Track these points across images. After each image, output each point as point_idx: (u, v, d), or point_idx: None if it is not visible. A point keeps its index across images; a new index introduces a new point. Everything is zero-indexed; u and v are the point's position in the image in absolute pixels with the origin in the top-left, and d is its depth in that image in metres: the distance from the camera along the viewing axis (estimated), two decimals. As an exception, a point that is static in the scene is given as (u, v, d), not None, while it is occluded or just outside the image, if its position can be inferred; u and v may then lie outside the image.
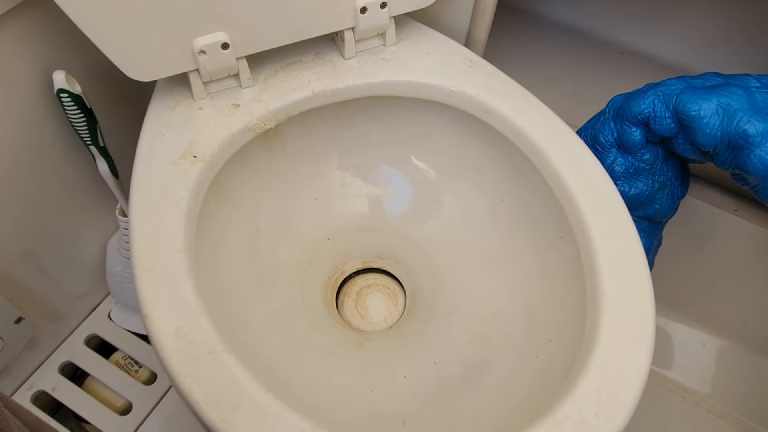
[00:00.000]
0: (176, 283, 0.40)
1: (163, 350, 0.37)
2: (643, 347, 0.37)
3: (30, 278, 0.67)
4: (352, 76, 0.52)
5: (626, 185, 0.50)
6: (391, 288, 0.61)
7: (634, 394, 0.36)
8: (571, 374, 0.38)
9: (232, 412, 0.35)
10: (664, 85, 0.46)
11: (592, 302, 0.41)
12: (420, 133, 0.57)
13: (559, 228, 0.50)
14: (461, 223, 0.58)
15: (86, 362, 0.74)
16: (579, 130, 0.55)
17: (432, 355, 0.52)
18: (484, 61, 0.53)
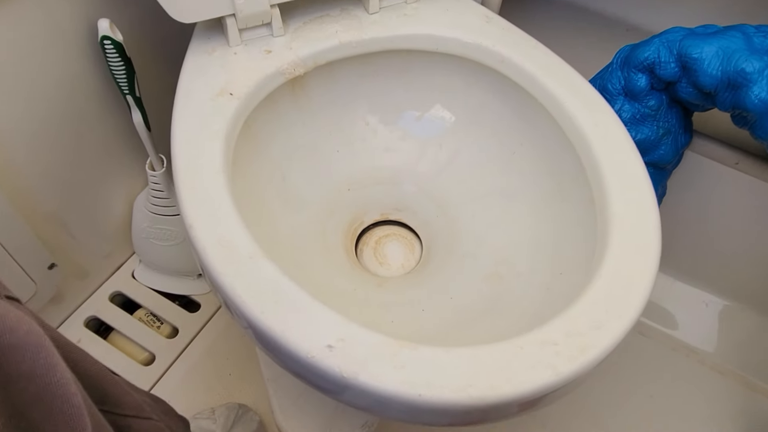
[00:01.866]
0: (217, 199, 0.43)
1: (207, 255, 0.40)
2: (649, 255, 0.40)
3: (58, 236, 0.70)
4: (376, 29, 0.55)
5: (632, 131, 0.53)
6: (408, 238, 0.64)
7: (641, 295, 0.39)
8: (582, 285, 0.41)
9: (272, 306, 0.37)
10: (668, 33, 0.49)
11: (602, 225, 0.44)
12: (437, 87, 0.61)
13: (570, 172, 0.53)
14: (476, 174, 0.61)
15: (111, 317, 0.77)
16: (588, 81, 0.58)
17: (448, 291, 0.55)
18: (499, 18, 0.56)
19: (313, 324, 0.37)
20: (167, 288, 0.79)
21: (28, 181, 0.63)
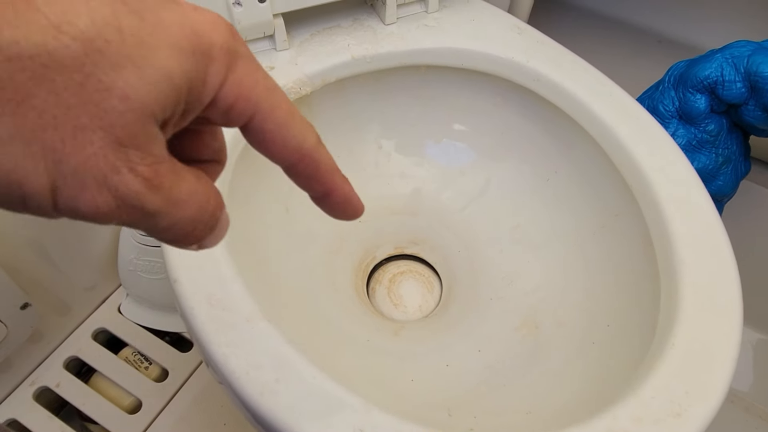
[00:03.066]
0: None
1: (195, 317, 0.33)
2: (731, 318, 0.33)
3: (36, 266, 0.63)
4: (393, 42, 0.48)
5: (688, 159, 0.46)
6: (425, 275, 0.57)
7: (726, 370, 0.32)
8: (651, 351, 0.34)
9: (273, 385, 0.30)
10: (733, 47, 0.42)
11: (668, 274, 0.37)
12: (460, 107, 0.54)
13: (616, 205, 0.47)
14: (503, 205, 0.55)
15: (93, 357, 0.69)
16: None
17: (475, 343, 0.48)
18: (532, 29, 0.50)
19: (323, 408, 0.30)
20: (156, 324, 0.72)
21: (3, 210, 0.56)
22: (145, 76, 0.13)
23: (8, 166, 0.12)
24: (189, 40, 0.14)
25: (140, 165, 0.13)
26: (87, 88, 0.12)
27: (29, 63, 0.11)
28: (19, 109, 0.12)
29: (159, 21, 0.13)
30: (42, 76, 0.12)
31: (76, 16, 0.12)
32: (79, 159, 0.12)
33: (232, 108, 0.15)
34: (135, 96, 0.13)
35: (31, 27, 0.11)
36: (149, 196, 0.14)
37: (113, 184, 0.13)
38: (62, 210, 0.13)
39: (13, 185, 0.12)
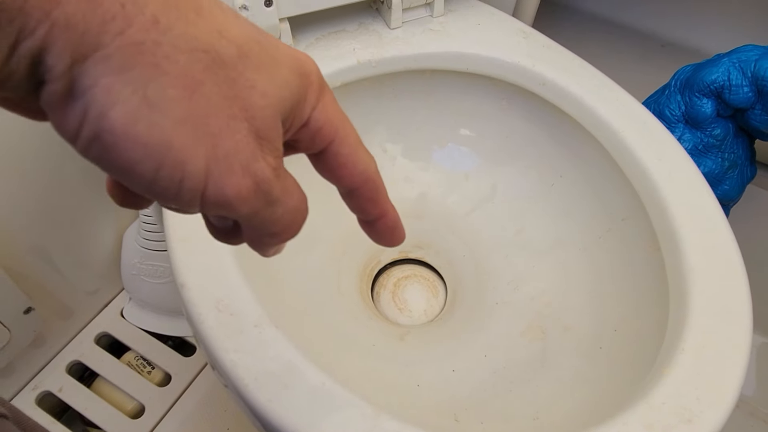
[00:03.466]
0: (215, 252, 0.36)
1: (203, 323, 0.32)
2: (741, 322, 0.33)
3: (39, 270, 0.63)
4: (398, 46, 0.48)
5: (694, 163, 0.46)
6: (430, 280, 0.57)
7: (737, 375, 0.32)
8: (661, 357, 0.34)
9: (281, 391, 0.30)
10: (740, 52, 0.42)
11: (676, 279, 0.37)
12: (465, 111, 0.54)
13: (622, 209, 0.47)
14: (508, 209, 0.54)
15: (96, 362, 0.69)
16: (640, 105, 0.51)
17: (481, 348, 0.48)
18: (538, 33, 0.50)
19: (332, 415, 0.30)
20: (159, 329, 0.71)
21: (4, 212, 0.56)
22: (275, 81, 0.15)
23: (178, 146, 0.13)
24: (297, 64, 0.16)
25: (270, 156, 0.15)
26: (238, 83, 0.14)
27: (203, 56, 0.13)
28: (194, 95, 0.13)
29: (278, 45, 0.16)
30: (210, 69, 0.13)
31: (230, 26, 0.14)
32: (230, 145, 0.14)
33: (320, 131, 0.17)
34: (271, 95, 0.14)
35: (203, 28, 0.13)
36: (276, 183, 0.15)
37: (253, 170, 0.14)
38: (209, 195, 0.14)
39: (178, 165, 0.13)
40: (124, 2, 0.12)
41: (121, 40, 0.12)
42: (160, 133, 0.12)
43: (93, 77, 0.11)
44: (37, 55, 0.11)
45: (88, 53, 0.11)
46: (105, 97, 0.12)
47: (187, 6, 0.13)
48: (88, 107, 0.12)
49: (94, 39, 0.11)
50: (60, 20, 0.11)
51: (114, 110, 0.12)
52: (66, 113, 0.12)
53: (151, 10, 0.12)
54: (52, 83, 0.12)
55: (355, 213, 0.20)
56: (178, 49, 0.12)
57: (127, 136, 0.12)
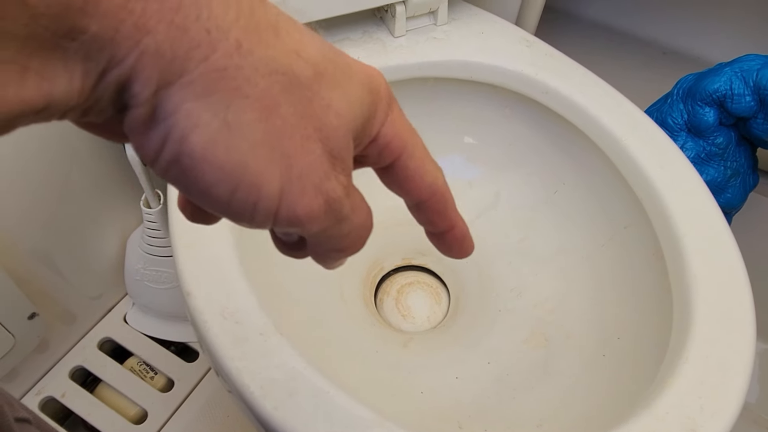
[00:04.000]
0: (221, 260, 0.36)
1: (209, 330, 0.33)
2: (744, 331, 0.33)
3: (43, 276, 0.63)
4: (402, 55, 0.49)
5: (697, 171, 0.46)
6: (433, 286, 0.57)
7: (741, 385, 0.32)
8: (665, 366, 0.34)
9: (287, 399, 0.30)
10: (742, 61, 0.43)
11: (680, 287, 0.37)
12: (468, 118, 0.54)
13: (625, 217, 0.47)
14: (511, 216, 0.55)
15: (99, 367, 0.69)
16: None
17: (485, 355, 0.48)
18: (541, 42, 0.50)
19: (338, 423, 0.30)
20: (162, 334, 0.72)
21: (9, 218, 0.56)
22: (349, 100, 0.15)
23: (254, 168, 0.13)
24: (368, 80, 0.16)
25: (341, 174, 0.15)
26: (314, 103, 0.14)
27: (281, 78, 0.13)
28: (271, 116, 0.13)
29: (347, 61, 0.16)
30: (288, 90, 0.13)
31: (307, 46, 0.14)
32: (304, 165, 0.14)
33: (388, 145, 0.17)
34: (345, 114, 0.15)
35: (281, 49, 0.13)
36: (345, 201, 0.15)
37: (325, 189, 0.14)
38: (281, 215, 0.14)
39: (254, 188, 0.13)
40: (209, 28, 0.12)
41: (205, 66, 0.12)
42: (237, 155, 0.12)
43: (176, 102, 0.12)
44: (124, 82, 0.12)
45: (174, 80, 0.12)
46: (186, 121, 0.12)
47: (267, 28, 0.13)
48: (170, 131, 0.12)
49: (180, 66, 0.12)
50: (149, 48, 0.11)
51: (194, 134, 0.12)
52: (148, 136, 0.12)
53: (234, 35, 0.12)
54: (136, 108, 0.12)
55: (422, 225, 0.20)
56: (258, 72, 0.13)
57: (205, 159, 0.12)
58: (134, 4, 0.11)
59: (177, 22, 0.11)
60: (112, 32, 0.11)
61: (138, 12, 0.11)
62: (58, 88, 0.11)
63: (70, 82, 0.11)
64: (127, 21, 0.11)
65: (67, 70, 0.11)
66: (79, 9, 0.10)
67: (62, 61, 0.11)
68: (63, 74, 0.11)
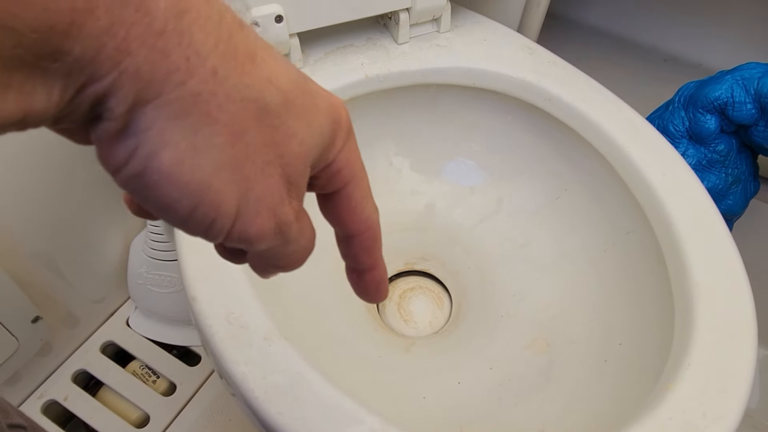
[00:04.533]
0: (226, 265, 0.36)
1: (214, 335, 0.33)
2: (746, 338, 0.34)
3: (46, 279, 0.63)
4: (406, 61, 0.49)
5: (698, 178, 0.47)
6: (435, 291, 0.57)
7: (743, 391, 0.32)
8: (666, 372, 0.34)
9: (291, 404, 0.31)
10: (743, 69, 0.43)
11: (681, 293, 0.37)
12: (471, 125, 0.54)
13: (627, 223, 0.47)
14: (513, 222, 0.55)
15: (101, 371, 0.70)
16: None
17: (487, 360, 0.48)
18: (543, 49, 0.50)
19: (341, 428, 0.30)
20: (164, 338, 0.72)
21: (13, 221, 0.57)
22: (312, 129, 0.15)
23: (215, 189, 0.13)
24: (331, 110, 0.16)
25: (294, 199, 0.16)
26: (280, 131, 0.14)
27: (252, 105, 0.14)
28: (237, 142, 0.14)
29: (315, 90, 0.16)
30: (256, 117, 0.14)
31: (279, 74, 0.15)
32: (262, 189, 0.14)
33: (339, 171, 0.17)
34: (306, 143, 0.15)
35: (255, 77, 0.14)
36: (294, 225, 0.16)
37: (278, 213, 0.15)
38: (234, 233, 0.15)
39: (213, 207, 0.14)
40: (188, 55, 0.12)
41: (182, 90, 0.12)
42: (201, 176, 0.13)
43: (150, 120, 0.12)
44: (101, 97, 0.12)
45: (150, 99, 0.12)
46: (157, 139, 0.12)
47: (245, 56, 0.14)
48: (139, 146, 0.12)
49: (158, 87, 0.12)
50: (129, 69, 0.12)
51: (164, 152, 0.12)
52: (115, 148, 0.13)
53: (211, 63, 0.13)
54: (108, 121, 0.12)
55: (346, 260, 0.20)
56: (230, 99, 0.13)
57: (171, 176, 0.13)
58: (117, 29, 0.11)
59: (159, 46, 0.12)
60: (94, 53, 0.11)
61: (121, 35, 0.11)
62: (37, 102, 0.11)
63: (48, 97, 0.12)
64: (110, 44, 0.11)
65: (47, 85, 0.11)
66: (62, 32, 0.11)
67: (42, 78, 0.11)
68: (42, 90, 0.11)
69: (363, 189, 0.18)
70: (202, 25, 0.13)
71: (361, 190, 0.18)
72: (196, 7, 0.12)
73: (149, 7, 0.12)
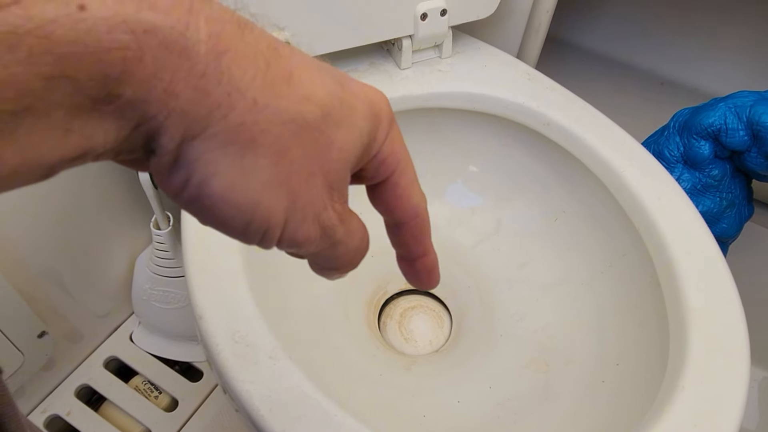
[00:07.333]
0: (232, 285, 0.37)
1: (220, 353, 0.34)
2: (739, 361, 0.34)
3: (52, 294, 0.64)
4: (408, 86, 0.51)
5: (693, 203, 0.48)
6: (436, 310, 0.58)
7: (735, 413, 0.33)
8: (661, 394, 0.35)
9: (295, 422, 0.31)
10: (736, 97, 0.44)
11: (676, 316, 0.38)
12: (472, 148, 0.56)
13: (623, 245, 0.48)
14: (512, 243, 0.56)
15: (104, 386, 0.70)
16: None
17: (486, 379, 0.49)
18: (542, 75, 0.52)
19: (345, 446, 0.31)
20: (167, 354, 0.72)
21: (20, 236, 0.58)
22: (350, 134, 0.16)
23: (265, 205, 0.15)
24: (370, 107, 0.17)
25: (337, 203, 0.17)
26: (319, 142, 0.15)
27: (292, 125, 0.15)
28: (282, 160, 0.15)
29: (353, 92, 0.17)
30: (297, 135, 0.15)
31: (316, 89, 0.16)
32: (306, 199, 0.16)
33: (384, 161, 0.18)
34: (346, 148, 0.16)
35: (293, 98, 0.15)
36: (339, 228, 0.17)
37: (322, 218, 0.16)
38: (284, 240, 0.16)
39: (264, 220, 0.15)
40: (229, 91, 0.14)
41: (226, 122, 0.14)
42: (252, 195, 0.15)
43: (198, 152, 0.14)
44: (153, 134, 0.13)
45: (197, 134, 0.13)
46: (207, 169, 0.14)
47: (281, 80, 0.15)
48: (191, 175, 0.14)
49: (203, 123, 0.13)
50: (176, 109, 0.13)
51: (214, 179, 0.14)
52: (171, 177, 0.14)
53: (251, 94, 0.14)
54: (161, 156, 0.14)
55: (397, 248, 0.21)
56: (271, 123, 0.14)
57: (223, 200, 0.14)
58: (163, 74, 0.13)
59: (201, 86, 0.13)
60: (145, 95, 0.13)
61: (167, 79, 0.13)
62: (96, 141, 0.13)
63: (105, 136, 0.13)
64: (158, 87, 0.13)
65: (103, 126, 0.13)
66: (115, 79, 0.12)
67: (99, 120, 0.13)
68: (99, 131, 0.13)
69: (409, 176, 0.19)
70: (239, 62, 0.14)
71: (408, 176, 0.19)
72: (233, 47, 0.14)
73: (191, 52, 0.13)
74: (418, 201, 0.20)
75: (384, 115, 0.18)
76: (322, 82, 0.16)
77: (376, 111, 0.17)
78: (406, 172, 0.19)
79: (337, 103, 0.16)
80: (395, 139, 0.18)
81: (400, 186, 0.19)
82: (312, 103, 0.15)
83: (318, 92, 0.15)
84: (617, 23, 0.81)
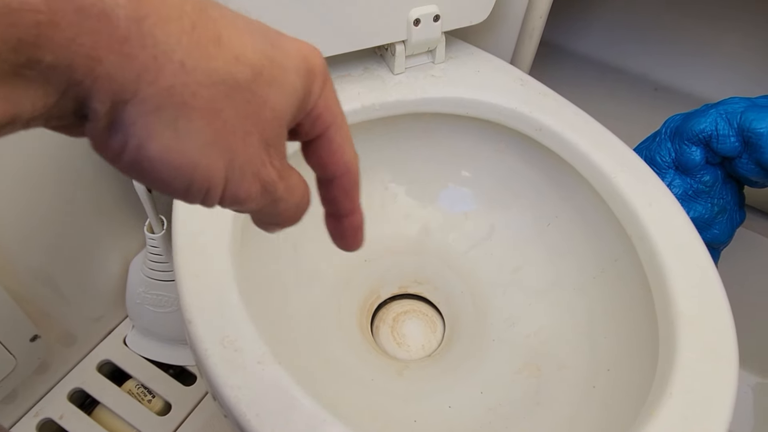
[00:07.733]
0: (222, 289, 0.37)
1: (209, 358, 0.34)
2: (728, 368, 0.34)
3: (45, 297, 0.64)
4: (401, 91, 0.51)
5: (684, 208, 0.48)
6: (428, 315, 0.58)
7: (723, 418, 0.33)
8: (650, 400, 0.35)
9: (283, 427, 0.31)
10: (726, 103, 0.44)
11: (665, 322, 0.38)
12: (464, 153, 0.56)
13: (615, 251, 0.48)
14: (505, 248, 0.56)
15: (97, 390, 0.70)
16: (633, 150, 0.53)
17: (478, 385, 0.49)
18: (534, 80, 0.52)
19: (333, 451, 0.31)
20: (161, 357, 0.72)
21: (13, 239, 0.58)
22: (283, 92, 0.17)
23: (203, 165, 0.15)
24: (303, 62, 0.17)
25: (275, 160, 0.17)
26: (252, 103, 0.16)
27: (223, 87, 0.15)
28: (215, 120, 0.15)
29: (285, 49, 0.17)
30: (228, 95, 0.15)
31: (246, 49, 0.16)
32: (244, 157, 0.16)
33: (320, 117, 0.19)
34: (279, 107, 0.17)
35: (222, 59, 0.15)
36: (279, 184, 0.18)
37: (261, 175, 0.17)
38: (226, 198, 0.17)
39: (204, 180, 0.16)
40: (155, 54, 0.14)
41: (155, 86, 0.14)
42: (189, 157, 0.15)
43: (132, 117, 0.14)
44: (82, 99, 0.14)
45: (128, 98, 0.14)
46: (143, 132, 0.14)
47: (209, 41, 0.15)
48: (128, 139, 0.14)
49: (132, 87, 0.14)
50: (102, 74, 0.13)
51: (151, 142, 0.14)
52: (107, 142, 0.14)
53: (178, 57, 0.14)
54: (95, 121, 0.14)
55: (326, 206, 0.21)
56: (201, 85, 0.15)
57: (162, 162, 0.15)
58: (83, 38, 0.13)
59: (125, 51, 0.13)
60: (68, 61, 0.13)
61: (88, 44, 0.13)
62: (23, 107, 0.13)
63: (33, 102, 0.13)
64: (80, 52, 0.13)
65: (29, 93, 0.13)
66: (31, 44, 0.12)
67: (24, 86, 0.13)
68: (25, 97, 0.13)
69: (343, 133, 0.20)
70: (162, 25, 0.14)
71: (342, 133, 0.19)
72: (155, 10, 0.14)
73: (110, 17, 0.13)
74: (350, 158, 0.20)
75: (318, 70, 0.18)
76: (252, 41, 0.16)
77: (309, 66, 0.18)
78: (341, 128, 0.19)
79: (267, 62, 0.16)
80: (329, 96, 0.19)
81: (335, 142, 0.19)
82: (242, 64, 0.15)
83: (248, 52, 0.16)
84: (611, 29, 0.81)
